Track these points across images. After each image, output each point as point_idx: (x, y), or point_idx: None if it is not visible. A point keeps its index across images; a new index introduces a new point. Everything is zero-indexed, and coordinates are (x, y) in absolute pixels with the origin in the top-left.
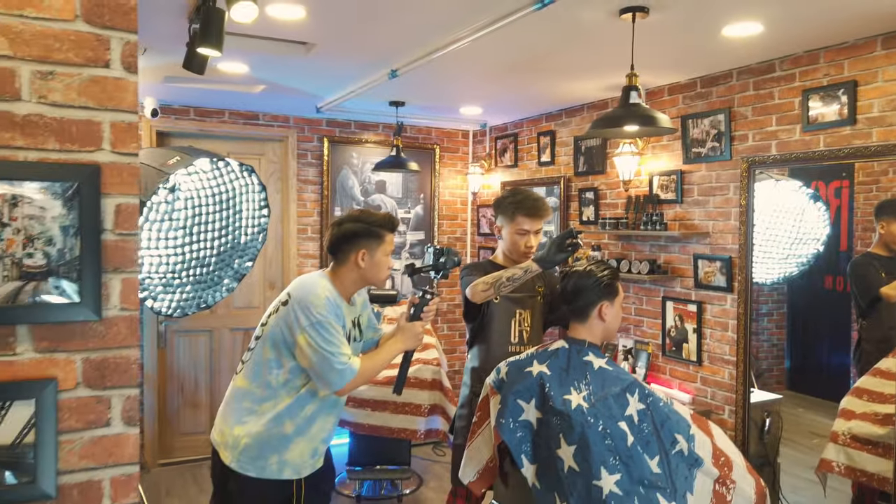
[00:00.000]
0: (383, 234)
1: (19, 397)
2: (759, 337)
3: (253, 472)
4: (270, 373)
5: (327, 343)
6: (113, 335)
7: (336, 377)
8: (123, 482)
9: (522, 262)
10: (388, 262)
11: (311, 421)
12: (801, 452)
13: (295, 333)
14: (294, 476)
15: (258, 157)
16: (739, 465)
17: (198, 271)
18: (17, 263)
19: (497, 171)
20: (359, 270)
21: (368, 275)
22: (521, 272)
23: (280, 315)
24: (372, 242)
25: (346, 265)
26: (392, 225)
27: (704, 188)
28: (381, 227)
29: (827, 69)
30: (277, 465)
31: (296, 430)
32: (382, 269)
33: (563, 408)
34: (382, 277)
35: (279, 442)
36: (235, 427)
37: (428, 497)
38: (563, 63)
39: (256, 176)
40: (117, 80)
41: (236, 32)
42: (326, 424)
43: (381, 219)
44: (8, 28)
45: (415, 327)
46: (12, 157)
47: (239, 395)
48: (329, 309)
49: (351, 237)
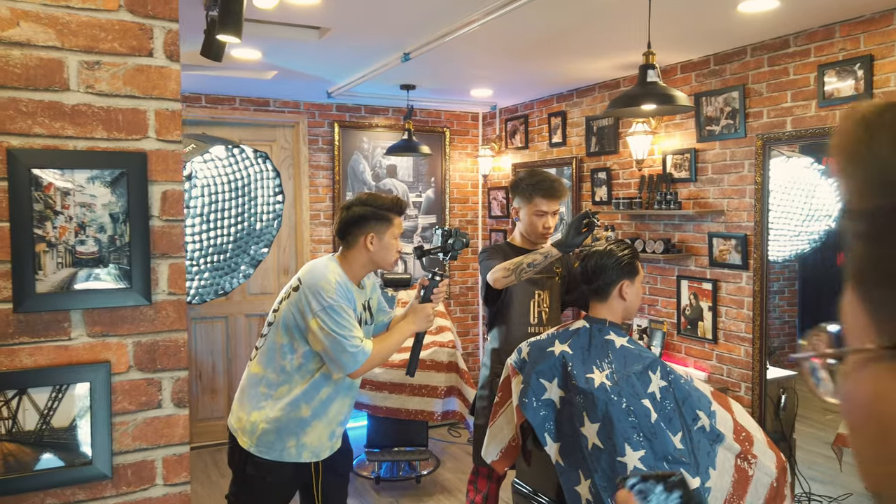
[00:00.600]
0: (391, 217)
1: (75, 381)
2: (771, 314)
3: (272, 456)
4: (284, 358)
5: (339, 326)
6: (162, 319)
7: (349, 360)
8: (175, 462)
9: (540, 243)
10: (397, 245)
11: (327, 404)
12: (815, 428)
13: (307, 318)
14: (313, 459)
15: (269, 144)
16: (760, 441)
17: (215, 258)
18: (70, 250)
19: (507, 152)
20: (368, 254)
21: (377, 258)
22: (542, 257)
23: (292, 300)
24: (380, 226)
25: (354, 249)
26: (400, 208)
27: (718, 166)
28: (388, 210)
29: (843, 43)
30: (296, 449)
31: (313, 414)
32: (391, 252)
33: (587, 386)
34: (391, 260)
35: (297, 426)
36: (252, 412)
37: (445, 478)
38: (575, 43)
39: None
40: (161, 68)
41: (251, 18)
42: (343, 407)
43: (389, 202)
44: (55, 19)
45: (425, 309)
46: (63, 147)
47: (254, 380)
48: (340, 293)
49: (359, 221)
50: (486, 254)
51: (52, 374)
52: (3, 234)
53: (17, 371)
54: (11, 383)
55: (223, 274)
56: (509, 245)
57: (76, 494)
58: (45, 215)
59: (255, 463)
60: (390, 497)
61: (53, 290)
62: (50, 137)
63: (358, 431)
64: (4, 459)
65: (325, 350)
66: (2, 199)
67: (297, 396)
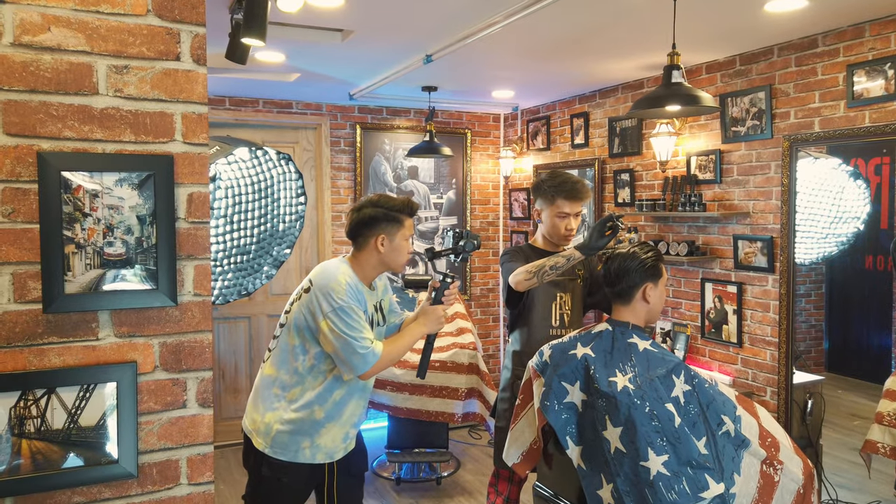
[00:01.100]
0: (402, 218)
1: (102, 380)
2: (797, 318)
3: (286, 457)
4: (297, 359)
5: (349, 328)
6: (188, 320)
7: (359, 361)
8: (199, 461)
9: (562, 245)
10: (408, 247)
11: (341, 406)
12: (842, 434)
13: (318, 319)
14: (327, 460)
15: (292, 146)
16: (786, 446)
17: (239, 259)
18: (98, 252)
19: (529, 154)
20: (378, 255)
21: (388, 259)
22: (564, 260)
23: (303, 302)
24: (391, 227)
25: (365, 250)
26: (411, 209)
27: (744, 167)
28: (399, 211)
29: (873, 43)
30: (310, 450)
31: (326, 416)
32: (402, 254)
33: (609, 390)
34: (402, 262)
35: (311, 427)
36: (266, 414)
37: (466, 479)
38: (598, 43)
39: (293, 164)
40: (188, 72)
41: (275, 21)
42: (357, 409)
43: (399, 203)
44: (85, 24)
45: (436, 311)
46: (92, 150)
47: (267, 382)
48: (350, 294)
49: (370, 222)
50: (508, 256)
51: (80, 374)
52: (33, 236)
53: (46, 370)
54: (40, 382)
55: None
56: (531, 247)
57: (102, 493)
58: (74, 217)
59: (270, 464)
60: (410, 498)
61: (82, 290)
62: (79, 140)
63: (378, 432)
64: (33, 457)
65: (335, 351)
66: (32, 202)
67: (309, 398)
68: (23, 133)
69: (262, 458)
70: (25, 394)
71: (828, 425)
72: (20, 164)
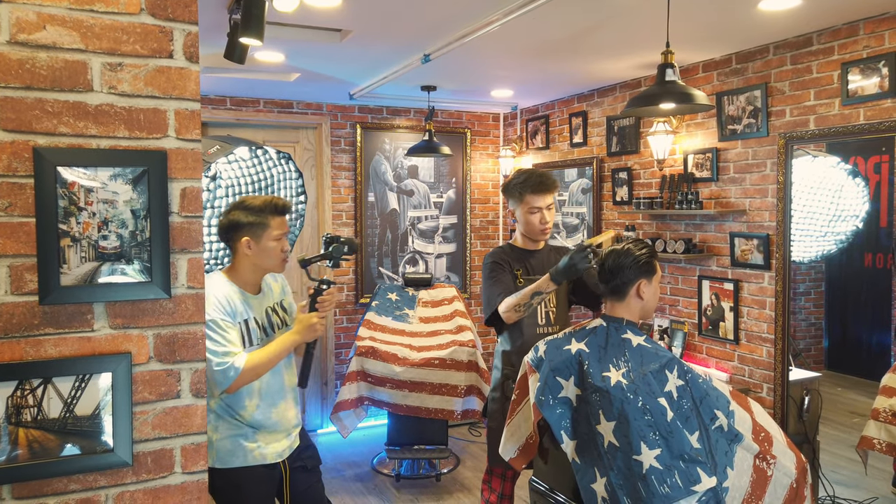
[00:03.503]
0: (266, 218)
1: (97, 371)
2: (796, 316)
3: (237, 463)
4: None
5: (212, 343)
6: (181, 312)
7: (219, 377)
8: (193, 450)
9: (541, 239)
10: (279, 247)
11: (266, 413)
12: (840, 431)
13: None
14: (278, 458)
15: (293, 145)
16: (780, 441)
17: None
18: (93, 245)
19: (528, 153)
20: (248, 258)
21: (259, 262)
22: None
23: None
24: (255, 229)
25: (237, 255)
26: (275, 208)
27: (740, 165)
28: (260, 211)
29: (867, 41)
30: (259, 451)
31: (256, 424)
32: (271, 256)
33: (603, 384)
34: (275, 262)
35: (249, 432)
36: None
37: (465, 476)
38: (596, 42)
39: (293, 163)
40: (181, 69)
41: (273, 21)
42: (286, 412)
43: (261, 204)
44: (80, 23)
45: (310, 318)
46: (86, 145)
47: None
48: (217, 308)
49: (232, 226)
50: (490, 270)
51: (76, 364)
52: (29, 230)
53: (43, 361)
54: (37, 372)
55: None
56: (511, 247)
57: (98, 481)
58: (69, 211)
59: (225, 475)
60: (410, 495)
61: (77, 283)
62: (74, 136)
63: (378, 429)
64: (30, 446)
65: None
66: (29, 196)
67: (227, 410)
68: (19, 129)
69: (214, 473)
70: (22, 383)
71: (827, 423)
72: (16, 160)
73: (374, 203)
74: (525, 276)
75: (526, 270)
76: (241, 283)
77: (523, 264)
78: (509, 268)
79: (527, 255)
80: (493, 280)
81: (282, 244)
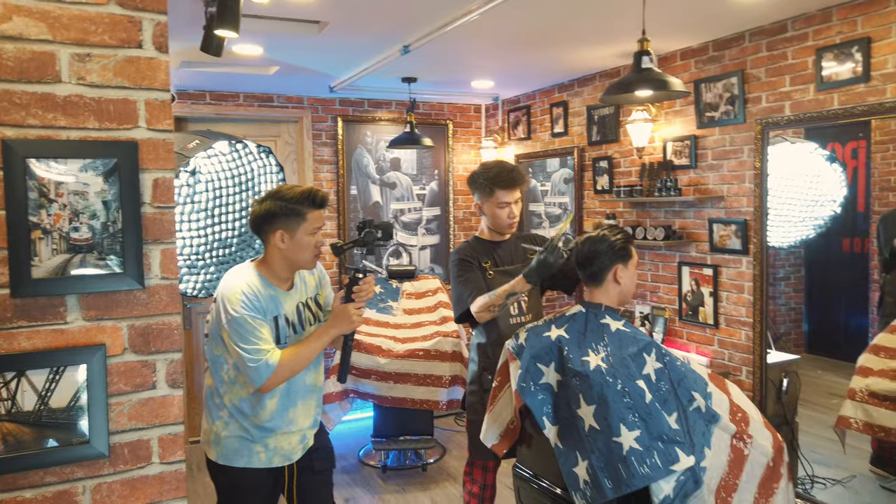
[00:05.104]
0: (304, 211)
1: (71, 363)
2: (776, 301)
3: (241, 463)
4: (222, 368)
5: (242, 339)
6: (155, 303)
7: (253, 374)
8: (170, 441)
9: (508, 233)
10: (314, 241)
11: (283, 413)
12: (819, 412)
13: (222, 330)
14: (285, 462)
15: (274, 139)
16: (756, 421)
17: (220, 252)
18: (64, 237)
19: (510, 144)
20: (280, 252)
21: (291, 256)
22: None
23: (213, 312)
24: (291, 222)
25: (269, 248)
26: (314, 201)
27: (718, 152)
28: (299, 203)
29: (840, 27)
30: (266, 454)
31: (271, 423)
32: (305, 251)
33: (582, 369)
34: (307, 258)
35: (259, 432)
36: (214, 423)
37: (451, 465)
38: (574, 31)
39: (274, 157)
40: (150, 59)
41: (250, 14)
42: (306, 411)
43: (299, 195)
44: (47, 13)
45: (347, 309)
46: (56, 137)
47: (209, 392)
48: (245, 304)
49: (268, 217)
50: (457, 269)
51: (49, 357)
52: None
53: (16, 354)
54: (10, 365)
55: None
56: (478, 240)
57: (75, 472)
58: (39, 203)
59: (227, 473)
60: (396, 485)
61: (49, 275)
62: (43, 128)
63: (364, 422)
64: (4, 439)
65: (237, 362)
66: None
67: (245, 406)
68: None
69: (217, 468)
70: None
71: (806, 404)
72: None
73: (357, 196)
74: (494, 267)
75: (494, 262)
76: (272, 277)
77: (491, 256)
78: (477, 263)
79: (494, 246)
80: (463, 279)
81: (317, 239)
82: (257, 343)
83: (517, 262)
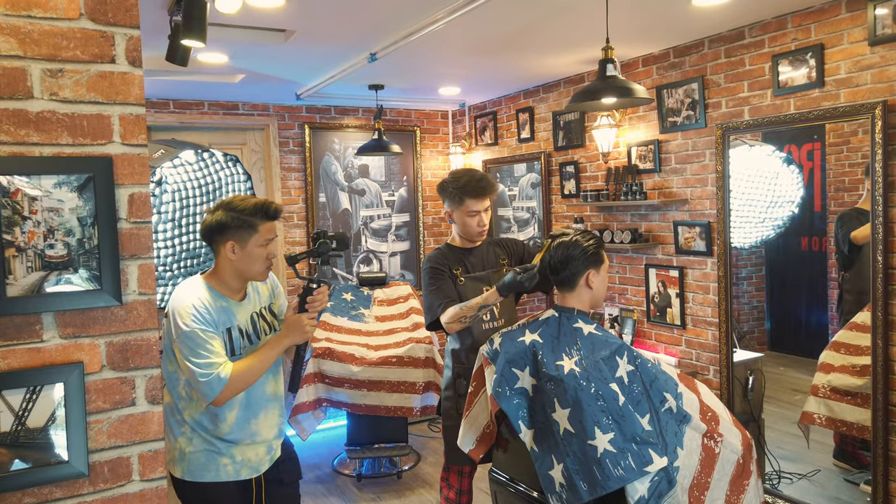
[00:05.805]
0: (256, 223)
1: (48, 382)
2: (740, 300)
3: (208, 478)
4: (178, 384)
5: (192, 354)
6: (133, 319)
7: (205, 389)
8: (151, 458)
9: (478, 241)
10: (264, 253)
11: (244, 425)
12: (784, 409)
13: (174, 345)
14: (253, 474)
15: (240, 147)
16: (726, 420)
17: (189, 262)
18: (39, 255)
19: (478, 149)
20: (231, 263)
21: (241, 268)
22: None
23: (165, 327)
24: (243, 233)
25: (219, 258)
26: (267, 212)
27: (681, 156)
28: (252, 215)
29: (795, 34)
30: (233, 467)
31: (235, 436)
32: (256, 262)
33: (556, 373)
34: (259, 270)
35: (224, 446)
36: (178, 440)
37: (426, 472)
38: (538, 39)
39: (241, 165)
40: (123, 74)
41: (215, 22)
42: (268, 422)
43: (252, 206)
44: (17, 29)
45: (300, 319)
46: (29, 153)
47: (168, 410)
48: (196, 317)
49: (220, 228)
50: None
51: (26, 376)
52: None
53: None
54: None
55: None
56: (450, 247)
57: (53, 493)
58: (13, 221)
59: (194, 489)
60: (372, 493)
61: (24, 293)
62: (15, 144)
63: (338, 430)
64: None
65: (188, 377)
66: None
67: (205, 420)
68: None
69: (184, 486)
70: None
71: (771, 401)
72: None
73: (326, 203)
74: (465, 274)
75: (465, 269)
76: (223, 288)
77: (462, 263)
78: (449, 272)
79: (465, 253)
80: (435, 288)
81: (268, 250)
82: (209, 356)
83: (489, 267)
